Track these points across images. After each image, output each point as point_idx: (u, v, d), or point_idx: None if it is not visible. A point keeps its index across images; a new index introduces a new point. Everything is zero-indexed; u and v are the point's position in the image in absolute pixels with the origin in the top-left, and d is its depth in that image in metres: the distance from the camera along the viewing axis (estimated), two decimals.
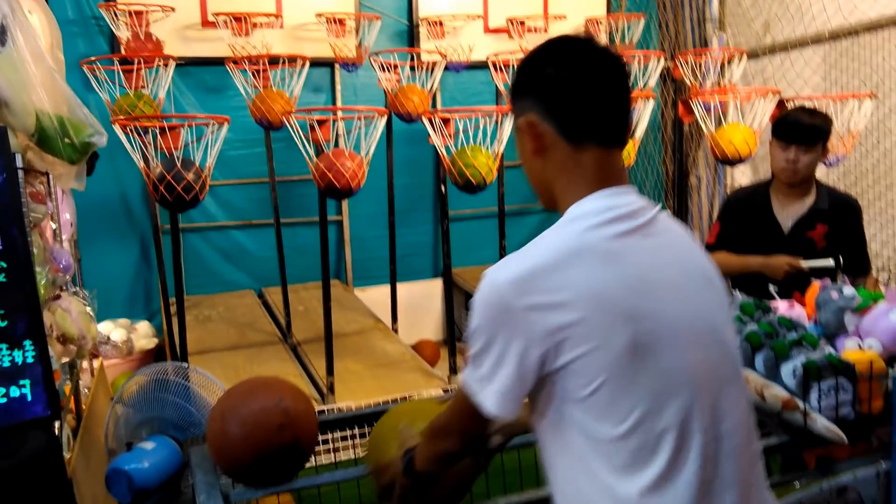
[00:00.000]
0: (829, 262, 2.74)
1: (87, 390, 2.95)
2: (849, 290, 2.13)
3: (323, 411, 3.72)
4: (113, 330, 4.97)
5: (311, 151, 3.64)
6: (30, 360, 1.69)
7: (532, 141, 1.23)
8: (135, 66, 4.03)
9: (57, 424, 1.76)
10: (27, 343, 1.69)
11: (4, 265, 1.66)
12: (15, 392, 1.66)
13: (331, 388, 3.94)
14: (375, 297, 5.62)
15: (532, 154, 1.24)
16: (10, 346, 1.67)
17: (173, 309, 4.39)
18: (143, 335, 5.17)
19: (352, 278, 5.90)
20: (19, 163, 1.84)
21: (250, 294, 5.62)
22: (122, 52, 4.73)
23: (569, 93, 1.19)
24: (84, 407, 2.72)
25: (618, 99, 1.22)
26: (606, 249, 1.14)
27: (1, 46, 1.83)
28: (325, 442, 3.75)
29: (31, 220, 2.00)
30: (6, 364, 1.66)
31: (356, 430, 3.76)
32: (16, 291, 1.68)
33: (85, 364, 3.01)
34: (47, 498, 1.61)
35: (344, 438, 3.78)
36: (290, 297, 5.02)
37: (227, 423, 1.54)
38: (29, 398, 1.68)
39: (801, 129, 2.79)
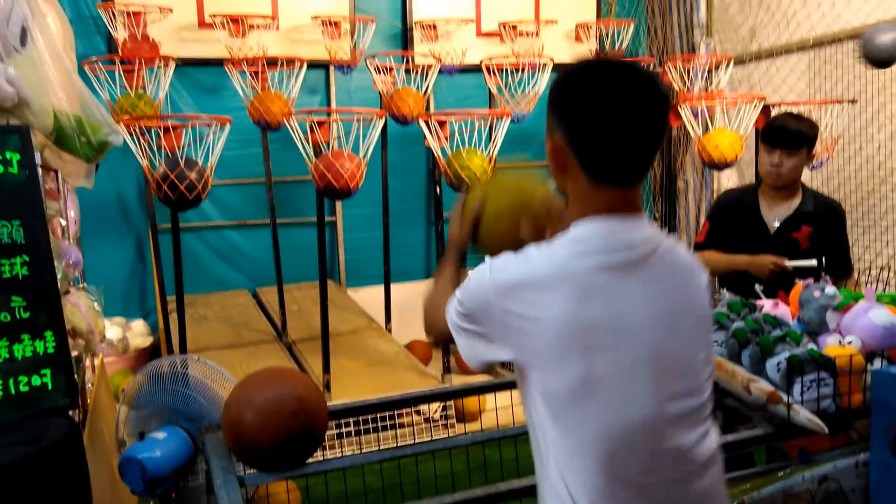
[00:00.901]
0: (813, 262, 2.85)
1: (90, 385, 3.01)
2: (831, 289, 2.22)
3: None
4: (108, 328, 5.01)
5: (311, 152, 3.71)
6: (50, 350, 1.76)
7: (556, 161, 1.24)
8: (135, 67, 4.09)
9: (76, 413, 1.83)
10: (48, 334, 1.76)
11: (28, 259, 1.74)
12: (36, 381, 1.73)
13: (327, 386, 4.01)
14: (368, 297, 5.69)
15: (556, 171, 1.26)
16: (32, 336, 1.74)
17: (170, 307, 4.44)
18: (139, 333, 5.21)
19: (345, 278, 5.97)
20: (39, 161, 1.91)
21: (245, 293, 5.68)
22: (119, 52, 4.79)
23: (595, 133, 1.17)
24: (89, 402, 2.78)
25: (647, 141, 1.19)
26: (589, 281, 1.17)
27: (21, 47, 1.90)
28: None
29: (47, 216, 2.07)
30: (28, 354, 1.73)
31: (351, 427, 3.86)
32: (38, 284, 1.75)
33: (87, 361, 3.07)
34: (67, 484, 1.68)
35: (339, 436, 3.88)
36: (284, 296, 5.09)
37: (244, 410, 1.62)
38: (49, 387, 1.75)
39: (786, 134, 2.90)
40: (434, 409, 4.13)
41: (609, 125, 1.15)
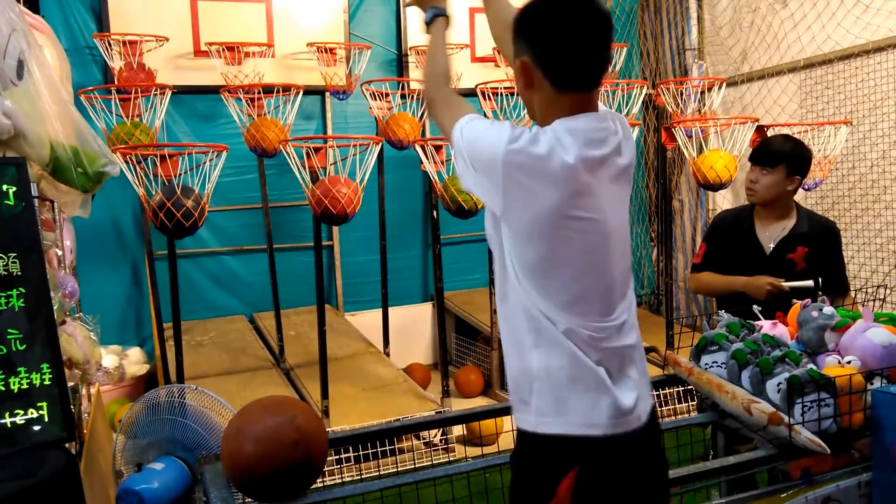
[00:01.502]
0: (810, 283, 2.85)
1: (86, 415, 2.98)
2: (828, 309, 2.23)
3: None
4: (104, 356, 4.98)
5: (307, 178, 3.72)
6: (46, 382, 1.75)
7: (523, 79, 1.47)
8: (131, 96, 4.11)
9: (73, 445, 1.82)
10: (44, 366, 1.75)
11: (24, 291, 1.73)
12: (33, 414, 1.72)
13: (325, 412, 3.99)
14: (366, 321, 5.68)
15: (524, 87, 1.49)
16: (28, 369, 1.73)
17: (166, 334, 4.43)
18: (135, 361, 5.18)
19: (342, 303, 5.96)
20: (34, 192, 1.91)
21: (241, 319, 5.66)
22: (115, 81, 4.81)
23: (556, 50, 1.42)
24: (85, 431, 2.76)
25: (601, 54, 1.45)
26: (577, 180, 1.39)
27: (18, 80, 1.91)
28: None
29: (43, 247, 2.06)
30: (24, 386, 1.72)
31: (350, 454, 3.84)
32: (34, 316, 1.75)
33: (83, 390, 3.05)
34: None
35: (339, 461, 3.85)
36: (281, 321, 5.08)
37: (243, 439, 1.61)
38: (46, 419, 1.74)
39: (763, 151, 2.97)
40: (434, 433, 4.11)
41: (567, 39, 1.41)
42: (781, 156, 2.94)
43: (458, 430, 4.22)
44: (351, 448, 3.75)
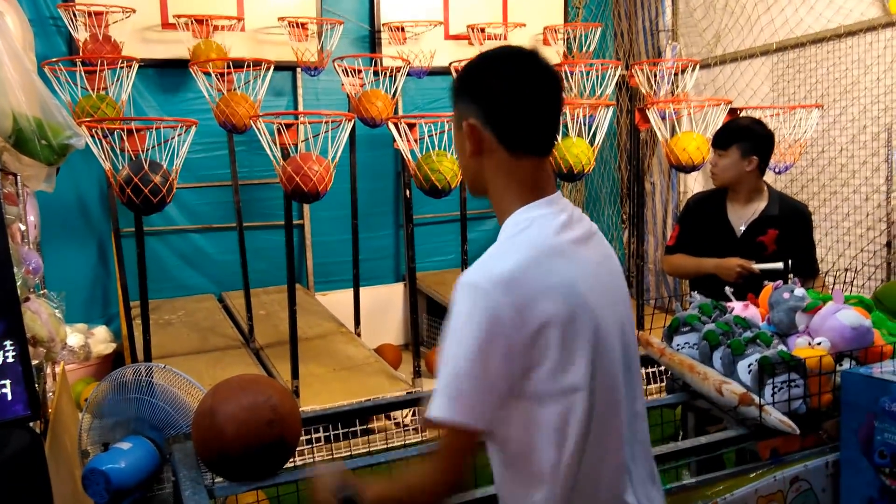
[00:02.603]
0: (780, 265, 2.88)
1: (51, 394, 2.92)
2: (799, 291, 2.25)
3: None
4: (70, 335, 4.89)
5: (278, 154, 3.66)
6: (10, 359, 1.70)
7: (472, 144, 1.33)
8: (97, 68, 4.00)
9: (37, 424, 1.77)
10: (7, 343, 1.70)
11: None
12: None
13: (296, 392, 3.96)
14: (337, 301, 5.64)
15: (471, 154, 1.35)
16: None
17: (133, 313, 4.35)
18: (101, 340, 5.09)
19: (313, 282, 5.91)
20: None
21: (210, 298, 5.59)
22: (80, 53, 4.68)
23: (510, 108, 1.30)
24: (50, 411, 2.70)
25: (553, 114, 1.34)
26: (564, 251, 1.29)
27: None
28: None
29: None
30: None
31: (321, 433, 3.81)
32: None
33: (48, 369, 2.99)
34: (29, 497, 1.63)
35: (308, 441, 3.83)
36: (251, 301, 5.03)
37: (217, 418, 1.58)
38: (9, 398, 1.69)
39: (716, 134, 3.01)
40: (406, 413, 4.10)
41: (521, 101, 1.29)
42: (733, 136, 2.96)
43: None
44: (321, 428, 3.73)
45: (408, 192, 4.48)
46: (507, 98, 1.29)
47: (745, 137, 2.96)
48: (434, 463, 1.24)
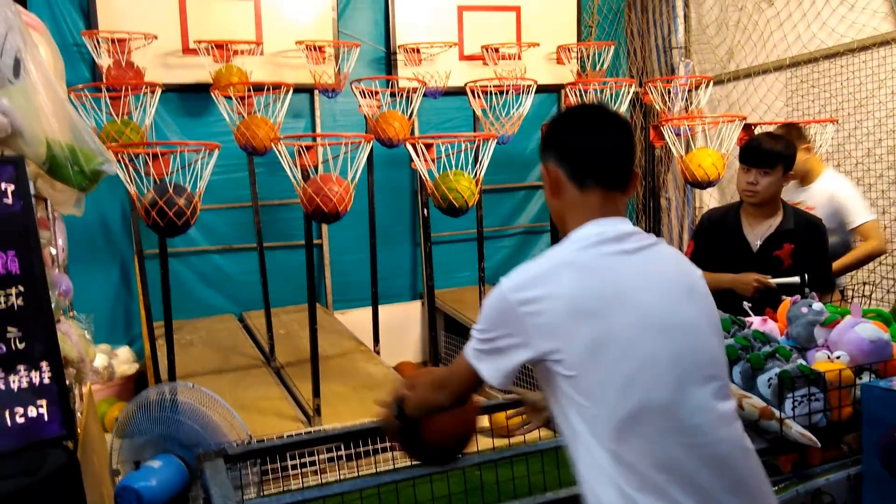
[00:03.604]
0: (796, 279, 2.90)
1: (79, 414, 2.98)
2: (818, 305, 2.27)
3: (310, 432, 3.79)
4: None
5: (299, 176, 3.72)
6: (46, 380, 1.75)
7: (550, 183, 1.56)
8: (121, 94, 4.09)
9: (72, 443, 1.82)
10: (43, 364, 1.75)
11: (23, 289, 1.73)
12: (33, 412, 1.72)
13: (317, 410, 4.00)
14: (356, 319, 5.69)
15: (551, 194, 1.57)
16: (28, 367, 1.73)
17: (156, 333, 4.41)
18: (124, 360, 5.16)
19: (332, 301, 5.96)
20: (32, 190, 1.91)
21: (231, 318, 5.65)
22: (104, 79, 4.79)
23: (576, 147, 1.53)
24: (79, 431, 2.75)
25: (615, 152, 1.53)
26: (589, 263, 1.43)
27: (15, 78, 1.90)
28: (313, 463, 3.82)
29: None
30: (25, 385, 1.72)
31: (342, 451, 3.85)
32: (33, 314, 1.75)
33: (76, 389, 3.04)
34: None
35: (331, 460, 3.86)
36: (272, 320, 5.08)
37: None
38: (46, 417, 1.74)
39: (761, 153, 2.98)
40: None
41: (580, 140, 1.53)
42: (780, 156, 2.99)
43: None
44: (343, 446, 3.77)
45: (425, 210, 4.53)
46: (572, 136, 1.53)
47: (788, 158, 3.01)
48: (446, 380, 1.59)
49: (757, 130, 4.27)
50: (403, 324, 6.08)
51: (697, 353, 1.44)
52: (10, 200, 1.74)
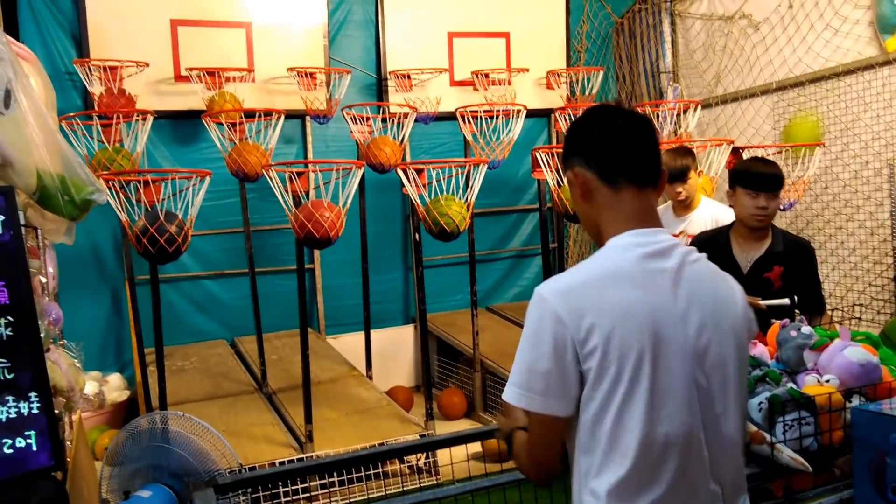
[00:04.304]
0: (786, 301, 2.91)
1: (69, 443, 2.95)
2: (806, 329, 2.27)
3: (302, 459, 3.76)
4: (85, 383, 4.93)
5: (290, 202, 3.73)
6: (35, 411, 1.74)
7: (579, 188, 1.48)
8: (112, 121, 4.10)
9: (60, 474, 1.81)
10: (32, 394, 1.74)
11: (12, 319, 1.73)
12: (21, 443, 1.71)
13: (309, 436, 3.97)
14: (348, 344, 5.67)
15: (581, 199, 1.49)
16: (16, 397, 1.72)
17: (147, 360, 4.39)
18: (115, 388, 5.13)
19: (324, 326, 5.95)
20: (22, 220, 1.91)
21: (223, 344, 5.63)
22: (96, 107, 4.81)
23: (604, 145, 1.46)
24: (69, 460, 2.73)
25: (643, 147, 1.47)
26: (631, 274, 1.38)
27: (5, 109, 1.91)
28: (305, 490, 3.79)
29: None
30: (13, 415, 1.71)
31: (335, 478, 3.82)
32: (22, 344, 1.74)
33: (66, 418, 3.02)
34: None
35: (324, 486, 3.84)
36: (263, 345, 5.06)
37: None
38: (34, 448, 1.73)
39: (768, 178, 3.01)
40: (419, 457, 4.10)
41: (609, 137, 1.45)
42: (783, 180, 3.06)
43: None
44: (335, 473, 3.74)
45: (417, 235, 4.54)
46: (601, 139, 1.46)
47: (783, 180, 3.06)
48: (526, 447, 1.47)
49: (745, 154, 4.31)
50: (396, 348, 6.07)
51: (721, 390, 1.44)
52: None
